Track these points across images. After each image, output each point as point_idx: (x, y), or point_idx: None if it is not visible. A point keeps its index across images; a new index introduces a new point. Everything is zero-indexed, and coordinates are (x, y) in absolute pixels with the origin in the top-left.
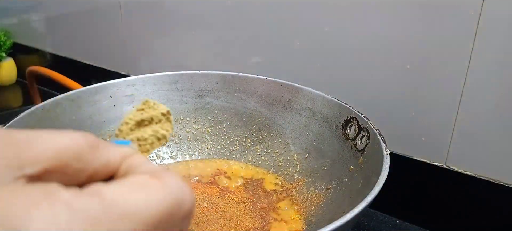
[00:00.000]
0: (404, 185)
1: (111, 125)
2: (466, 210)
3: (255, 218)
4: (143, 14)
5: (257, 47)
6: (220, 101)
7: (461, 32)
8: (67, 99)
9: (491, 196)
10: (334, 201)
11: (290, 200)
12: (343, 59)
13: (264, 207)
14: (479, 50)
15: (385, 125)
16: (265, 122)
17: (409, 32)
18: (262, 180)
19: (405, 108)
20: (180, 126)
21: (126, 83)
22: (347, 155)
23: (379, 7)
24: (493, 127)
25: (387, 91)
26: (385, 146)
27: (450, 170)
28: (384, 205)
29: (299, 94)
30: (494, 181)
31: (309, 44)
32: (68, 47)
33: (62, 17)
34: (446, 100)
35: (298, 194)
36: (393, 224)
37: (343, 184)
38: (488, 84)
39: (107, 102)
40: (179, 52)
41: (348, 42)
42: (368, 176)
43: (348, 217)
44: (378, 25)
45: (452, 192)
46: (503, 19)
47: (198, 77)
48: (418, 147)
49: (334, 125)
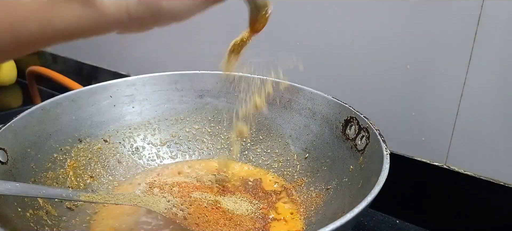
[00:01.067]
0: (404, 185)
1: (111, 125)
2: (466, 210)
3: (255, 218)
4: None
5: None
6: (220, 101)
7: (461, 32)
8: (67, 99)
9: (491, 196)
10: (334, 201)
11: (290, 200)
12: (343, 59)
13: (264, 207)
14: (479, 50)
15: (385, 125)
16: (265, 122)
17: (409, 32)
18: (262, 180)
19: (405, 108)
20: (180, 126)
21: (126, 83)
22: (347, 155)
23: (379, 7)
24: (493, 126)
25: (387, 91)
26: (385, 146)
27: (450, 170)
28: (384, 205)
29: (299, 94)
30: (494, 181)
31: (309, 44)
32: (68, 47)
33: None
34: (446, 100)
35: (298, 194)
36: (393, 224)
37: (343, 184)
38: (488, 84)
39: (107, 102)
40: (179, 52)
41: (348, 42)
42: (368, 176)
43: (348, 217)
44: (378, 25)
45: (452, 192)
46: (503, 20)
47: (198, 77)
48: (418, 147)
49: (334, 125)
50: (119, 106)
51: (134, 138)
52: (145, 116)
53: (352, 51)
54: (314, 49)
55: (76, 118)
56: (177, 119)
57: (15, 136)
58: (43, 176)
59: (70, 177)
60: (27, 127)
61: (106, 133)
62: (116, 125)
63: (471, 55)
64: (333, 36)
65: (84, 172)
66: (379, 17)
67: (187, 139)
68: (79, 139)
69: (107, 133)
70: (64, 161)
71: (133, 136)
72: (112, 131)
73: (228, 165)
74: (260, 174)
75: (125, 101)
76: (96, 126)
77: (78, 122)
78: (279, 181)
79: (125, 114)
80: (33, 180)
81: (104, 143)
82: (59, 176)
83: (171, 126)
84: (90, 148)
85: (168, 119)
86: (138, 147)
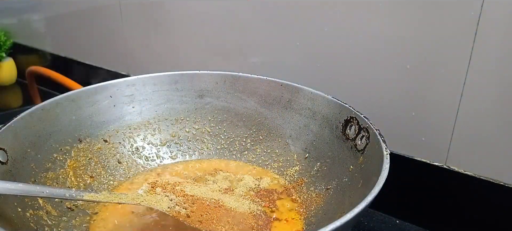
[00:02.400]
0: (404, 185)
1: (111, 125)
2: (466, 210)
3: (256, 218)
4: (143, 14)
5: (257, 47)
6: (220, 101)
7: (461, 32)
8: (67, 99)
9: (491, 196)
10: (334, 201)
11: (290, 200)
12: (343, 59)
13: (266, 205)
14: (479, 50)
15: (385, 124)
16: (265, 122)
17: (409, 32)
18: (262, 180)
19: (405, 108)
20: (180, 126)
21: (126, 84)
22: (347, 155)
23: (379, 7)
24: (493, 126)
25: (387, 91)
26: (385, 146)
27: (450, 170)
28: (384, 205)
29: (299, 94)
30: (494, 181)
31: (309, 44)
32: (68, 47)
33: (62, 17)
34: (446, 100)
35: (298, 194)
36: (393, 224)
37: (343, 184)
38: (488, 84)
39: (107, 102)
40: (179, 52)
41: (348, 42)
42: (368, 176)
43: (348, 217)
44: (378, 25)
45: (452, 192)
46: (503, 20)
47: (198, 77)
48: (418, 147)
49: (334, 125)
50: (119, 106)
51: (134, 138)
52: (145, 116)
53: (352, 51)
54: (314, 49)
55: (76, 118)
56: (177, 119)
57: (15, 136)
58: (43, 176)
59: (70, 177)
60: (27, 127)
61: (106, 133)
62: (116, 125)
63: (471, 55)
64: (333, 36)
65: (84, 172)
66: (379, 17)
67: (187, 139)
68: (79, 139)
69: (107, 133)
70: (64, 161)
71: (133, 136)
72: (112, 131)
73: (228, 165)
74: (260, 174)
75: (125, 101)
76: (96, 126)
77: (78, 122)
78: (279, 181)
79: (125, 115)
80: (33, 180)
81: (104, 143)
82: (59, 176)
83: (171, 126)
84: (90, 148)
85: (168, 119)
86: (138, 147)
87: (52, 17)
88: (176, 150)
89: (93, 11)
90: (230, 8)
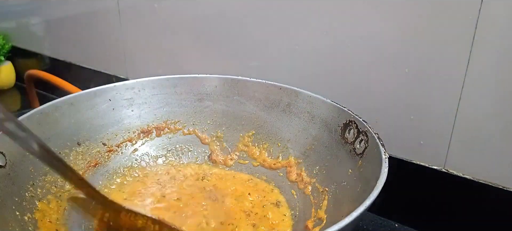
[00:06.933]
0: (402, 188)
1: (110, 129)
2: (465, 214)
3: (254, 220)
4: (142, 18)
5: (256, 51)
6: (219, 104)
7: (459, 36)
8: (65, 103)
9: (490, 200)
10: (332, 205)
11: (288, 203)
12: (342, 63)
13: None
14: (477, 54)
15: (383, 128)
16: (264, 125)
17: (408, 36)
18: (260, 183)
19: (404, 112)
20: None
21: (125, 87)
22: (346, 159)
23: (378, 12)
24: (492, 130)
25: (385, 95)
26: (383, 150)
27: (449, 173)
28: (382, 209)
29: (298, 98)
30: (493, 184)
31: (308, 47)
32: (67, 51)
33: (61, 21)
34: (444, 104)
35: (297, 197)
36: (392, 228)
37: (342, 188)
38: (486, 88)
39: (106, 106)
40: (178, 56)
41: (347, 46)
42: (366, 179)
43: (347, 221)
44: (376, 29)
45: (450, 195)
46: (501, 23)
47: (197, 81)
48: (417, 150)
49: (333, 128)
50: (118, 109)
51: (133, 142)
52: (144, 119)
53: (350, 55)
54: (313, 53)
55: (75, 122)
56: (176, 122)
57: None
58: (42, 179)
59: None
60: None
61: (105, 136)
62: (115, 128)
63: (470, 58)
64: (332, 40)
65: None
66: (377, 21)
67: (186, 142)
68: (78, 143)
69: (106, 136)
70: None
71: (132, 139)
72: (111, 134)
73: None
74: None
75: (124, 104)
76: (95, 130)
77: (77, 126)
78: (277, 184)
79: (124, 118)
80: (31, 183)
81: (103, 146)
82: (57, 180)
83: (170, 129)
84: (89, 151)
85: (167, 122)
86: (137, 150)
87: (51, 21)
88: (175, 153)
89: (92, 15)
90: (229, 12)
